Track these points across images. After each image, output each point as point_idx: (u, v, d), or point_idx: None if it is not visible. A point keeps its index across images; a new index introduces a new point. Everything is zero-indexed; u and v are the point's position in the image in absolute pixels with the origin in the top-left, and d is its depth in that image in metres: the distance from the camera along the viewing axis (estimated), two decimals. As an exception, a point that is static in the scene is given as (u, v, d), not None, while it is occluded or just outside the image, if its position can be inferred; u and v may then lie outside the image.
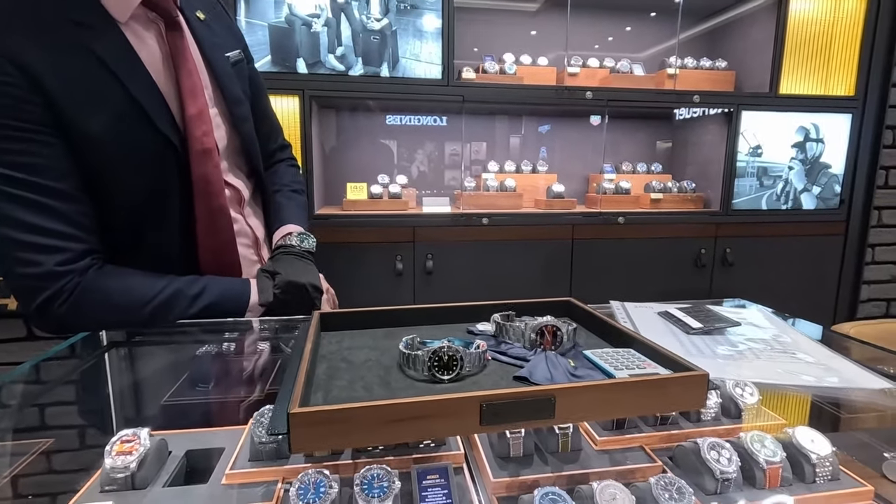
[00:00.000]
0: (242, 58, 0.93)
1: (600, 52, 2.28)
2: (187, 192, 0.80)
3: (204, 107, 0.79)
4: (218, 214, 0.83)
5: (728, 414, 0.55)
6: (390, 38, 1.75)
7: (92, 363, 0.70)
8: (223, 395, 0.69)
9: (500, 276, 1.93)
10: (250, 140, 0.91)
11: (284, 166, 1.09)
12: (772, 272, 2.14)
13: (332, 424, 0.34)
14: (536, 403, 0.37)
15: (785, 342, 0.73)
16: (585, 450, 0.49)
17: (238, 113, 0.88)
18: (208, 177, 0.80)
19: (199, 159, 0.79)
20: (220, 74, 0.85)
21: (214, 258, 0.84)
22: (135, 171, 0.74)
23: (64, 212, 0.69)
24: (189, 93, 0.77)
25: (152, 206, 0.78)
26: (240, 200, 0.90)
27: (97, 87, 0.69)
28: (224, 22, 0.94)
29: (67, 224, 0.69)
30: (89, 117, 0.68)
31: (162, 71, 0.76)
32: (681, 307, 0.84)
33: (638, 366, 0.45)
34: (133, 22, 0.73)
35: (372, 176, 2.08)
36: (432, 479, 0.43)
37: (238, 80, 0.90)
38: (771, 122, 2.07)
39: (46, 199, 0.67)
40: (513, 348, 0.52)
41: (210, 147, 0.80)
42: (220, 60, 0.86)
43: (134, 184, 0.75)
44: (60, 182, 0.68)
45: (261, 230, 0.96)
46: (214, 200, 0.82)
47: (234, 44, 0.93)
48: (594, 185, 2.23)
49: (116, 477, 0.43)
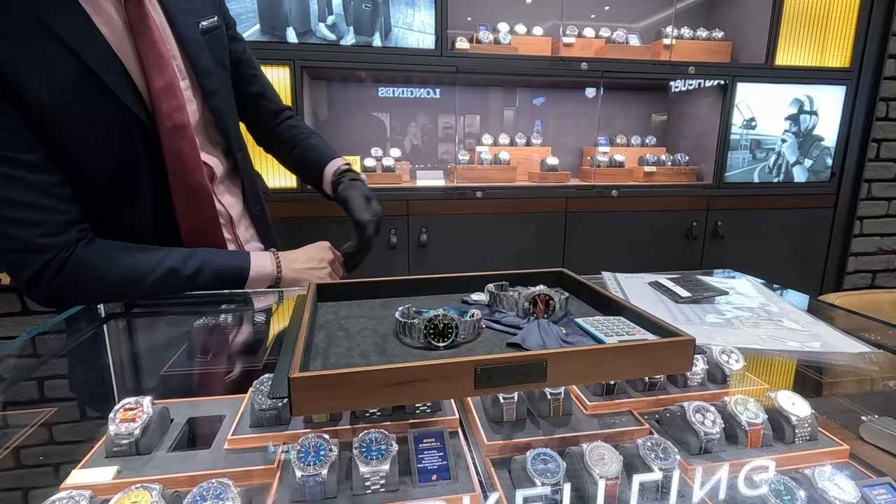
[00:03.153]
0: (219, 24, 0.87)
1: (596, 22, 2.24)
2: (160, 171, 0.76)
3: (173, 79, 0.75)
4: (197, 193, 0.80)
5: (714, 380, 0.57)
6: (382, 6, 1.71)
7: (90, 335, 0.71)
8: (222, 366, 0.70)
9: (494, 249, 1.94)
10: (222, 114, 0.87)
11: (293, 122, 1.06)
12: (762, 244, 2.17)
13: (332, 388, 0.35)
14: (528, 368, 0.39)
15: (771, 311, 0.75)
16: (576, 414, 0.51)
17: (208, 85, 0.83)
18: (182, 154, 0.77)
19: (171, 136, 0.75)
20: (187, 43, 0.80)
21: (197, 238, 0.82)
22: (99, 145, 0.71)
23: (36, 182, 0.67)
24: (153, 65, 0.73)
25: (120, 185, 0.75)
26: (212, 178, 0.87)
27: (50, 60, 0.66)
28: None
29: (41, 195, 0.68)
30: (43, 89, 0.65)
31: (124, 41, 0.72)
32: (671, 277, 0.85)
33: (627, 332, 0.47)
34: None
35: (365, 149, 2.05)
36: (428, 442, 0.45)
37: (211, 48, 0.85)
38: (766, 94, 2.06)
39: (15, 170, 0.65)
40: (506, 317, 0.53)
41: (183, 123, 0.76)
42: (189, 28, 0.81)
43: (99, 159, 0.72)
44: (28, 154, 0.66)
45: (236, 208, 0.92)
46: (192, 178, 0.79)
47: (210, 9, 0.86)
48: (588, 159, 2.22)
49: (121, 443, 0.45)
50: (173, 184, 0.78)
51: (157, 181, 0.77)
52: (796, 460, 0.45)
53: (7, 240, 0.67)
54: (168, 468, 0.43)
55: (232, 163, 0.92)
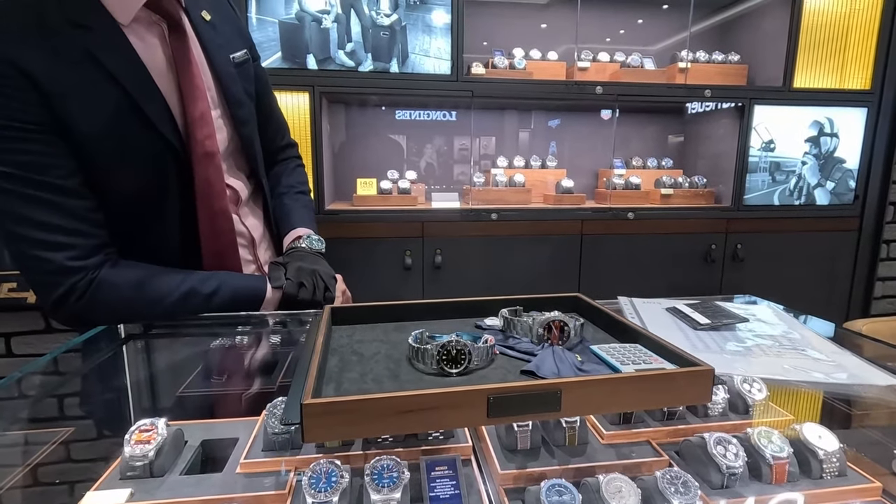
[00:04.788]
0: (248, 58, 0.92)
1: (611, 46, 2.26)
2: (188, 195, 0.80)
3: (206, 109, 0.79)
4: (220, 217, 0.83)
5: (735, 410, 0.56)
6: (400, 33, 1.75)
7: (110, 355, 0.72)
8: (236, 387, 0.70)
9: (509, 272, 1.93)
10: (251, 142, 0.91)
11: (291, 166, 1.09)
12: (784, 268, 2.12)
13: (344, 414, 0.35)
14: (543, 397, 0.38)
15: (794, 339, 0.73)
16: (592, 443, 0.49)
17: (240, 115, 0.88)
18: (210, 179, 0.80)
19: (202, 162, 0.79)
20: (222, 76, 0.85)
21: (217, 260, 0.85)
22: (134, 171, 0.74)
23: (71, 208, 0.70)
24: (190, 95, 0.77)
25: (152, 207, 0.78)
26: (237, 201, 0.90)
27: (96, 89, 0.69)
28: (230, 21, 0.93)
29: (75, 220, 0.71)
30: (87, 118, 0.69)
31: (165, 73, 0.76)
32: (689, 303, 0.84)
33: (644, 361, 0.46)
34: (136, 24, 0.73)
35: (381, 171, 2.08)
36: (441, 470, 0.44)
37: (242, 80, 0.90)
38: (784, 116, 2.04)
39: (53, 196, 0.68)
40: (520, 343, 0.53)
41: (212, 151, 0.80)
42: (224, 62, 0.86)
43: (133, 184, 0.75)
44: (66, 180, 0.69)
45: (258, 230, 0.96)
46: (216, 203, 0.82)
47: (240, 43, 0.92)
48: (604, 181, 2.22)
49: (135, 465, 0.45)
50: (200, 207, 0.81)
51: (184, 205, 0.80)
52: (825, 497, 0.43)
53: (38, 261, 0.69)
54: (180, 492, 0.43)
55: (255, 185, 0.95)
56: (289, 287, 0.83)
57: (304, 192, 1.07)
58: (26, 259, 0.70)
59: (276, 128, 1.05)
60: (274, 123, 1.04)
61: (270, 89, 1.03)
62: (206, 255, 0.84)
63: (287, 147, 1.10)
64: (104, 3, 0.70)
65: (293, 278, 0.84)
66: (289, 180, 1.06)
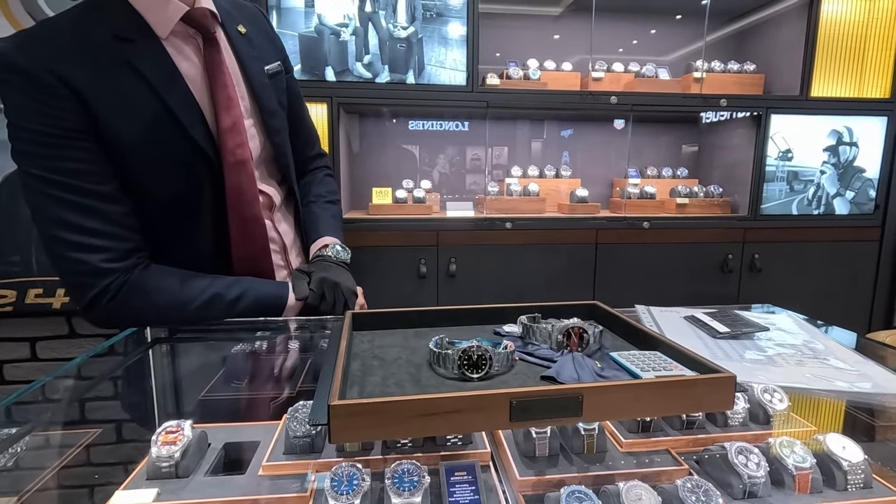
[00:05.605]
0: (281, 69, 0.95)
1: (625, 56, 2.27)
2: (220, 202, 0.82)
3: (238, 119, 0.82)
4: (252, 224, 0.86)
5: (756, 420, 0.55)
6: (416, 45, 1.78)
7: (137, 359, 0.74)
8: (257, 392, 0.71)
9: (523, 281, 1.93)
10: (283, 150, 0.94)
11: (321, 175, 1.11)
12: (803, 279, 2.09)
13: (370, 416, 0.36)
14: (564, 401, 0.38)
15: (816, 348, 0.72)
16: (611, 451, 0.49)
17: (272, 124, 0.90)
18: (242, 187, 0.83)
19: (233, 170, 0.82)
20: (256, 86, 0.88)
21: (248, 265, 0.87)
22: (167, 177, 0.77)
23: (107, 212, 0.73)
24: (223, 105, 0.80)
25: (184, 213, 0.81)
26: (270, 206, 0.93)
27: (135, 98, 0.73)
28: (265, 34, 0.96)
29: (110, 224, 0.73)
30: (125, 125, 0.72)
31: (199, 84, 0.79)
32: (707, 312, 0.83)
33: (664, 367, 0.46)
34: (174, 37, 0.78)
35: (396, 180, 2.10)
36: (460, 475, 0.44)
37: (275, 91, 0.92)
38: (802, 125, 2.02)
39: (91, 201, 0.72)
40: (539, 349, 0.53)
41: (244, 159, 0.83)
42: (258, 73, 0.89)
43: (166, 189, 0.78)
44: (103, 185, 0.73)
45: (290, 236, 0.98)
46: (248, 210, 0.84)
47: (274, 55, 0.95)
48: (618, 190, 2.21)
49: (162, 465, 0.46)
50: (231, 215, 0.83)
51: (216, 211, 0.83)
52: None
53: (74, 263, 0.72)
54: (205, 492, 0.44)
55: (287, 192, 0.98)
56: (312, 299, 0.85)
57: (332, 201, 1.09)
58: (63, 261, 0.72)
59: (306, 138, 1.08)
60: (304, 134, 1.07)
61: (302, 101, 1.06)
62: (236, 260, 0.86)
63: (317, 157, 1.12)
64: (145, 18, 0.74)
65: (315, 289, 0.86)
66: (318, 189, 1.08)
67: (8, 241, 1.62)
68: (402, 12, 1.77)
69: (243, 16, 0.91)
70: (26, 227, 1.61)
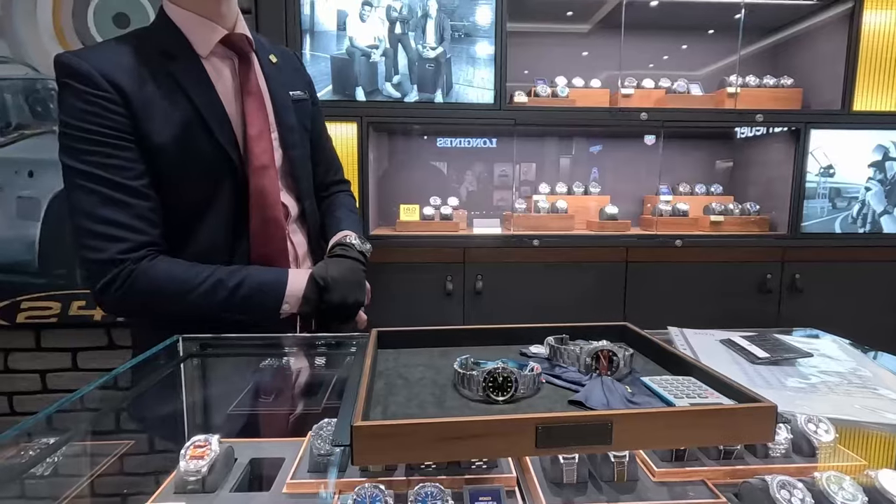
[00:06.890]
0: (307, 98, 1.04)
1: (655, 72, 2.24)
2: (243, 204, 0.88)
3: (265, 129, 0.90)
4: (272, 224, 0.91)
5: (800, 451, 0.52)
6: (444, 65, 1.81)
7: (169, 373, 0.76)
8: (283, 407, 0.72)
9: (551, 299, 1.90)
10: (299, 165, 0.99)
11: (342, 195, 1.16)
12: (848, 300, 1.98)
13: (393, 438, 0.35)
14: (593, 428, 0.37)
15: (864, 376, 0.68)
16: (642, 480, 0.47)
17: (290, 139, 0.97)
18: (265, 189, 0.89)
19: (258, 173, 0.88)
20: (279, 106, 0.95)
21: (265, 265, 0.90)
22: (193, 178, 0.84)
23: (134, 207, 0.79)
24: (252, 116, 0.88)
25: (205, 214, 0.86)
26: (286, 216, 0.97)
27: (172, 105, 0.81)
28: (295, 69, 1.05)
29: (135, 218, 0.79)
30: (161, 128, 0.80)
31: (232, 99, 0.88)
32: (745, 335, 0.80)
33: (699, 394, 0.44)
34: (213, 57, 0.87)
35: (423, 197, 2.12)
36: (485, 500, 0.43)
37: (297, 113, 1.00)
38: (844, 140, 1.94)
39: (121, 195, 0.78)
40: (567, 372, 0.52)
41: (269, 163, 0.90)
42: (282, 95, 0.97)
43: (190, 190, 0.84)
44: (135, 181, 0.79)
45: (303, 247, 1.02)
46: (269, 212, 0.90)
47: (301, 86, 1.04)
48: (649, 207, 2.16)
49: (189, 480, 0.47)
50: (253, 216, 0.89)
51: (237, 213, 0.88)
52: (906, 553, 0.40)
53: (94, 251, 0.77)
54: (231, 509, 0.44)
55: (301, 209, 1.02)
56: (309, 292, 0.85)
57: (353, 211, 1.15)
58: (85, 249, 0.78)
59: (327, 165, 1.14)
60: (325, 162, 1.13)
61: (326, 132, 1.14)
62: (255, 259, 0.90)
63: (340, 182, 1.18)
64: (188, 39, 0.85)
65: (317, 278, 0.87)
66: (338, 201, 1.13)
67: (54, 256, 1.71)
68: (430, 33, 1.80)
69: (277, 51, 1.01)
70: (71, 243, 1.69)
